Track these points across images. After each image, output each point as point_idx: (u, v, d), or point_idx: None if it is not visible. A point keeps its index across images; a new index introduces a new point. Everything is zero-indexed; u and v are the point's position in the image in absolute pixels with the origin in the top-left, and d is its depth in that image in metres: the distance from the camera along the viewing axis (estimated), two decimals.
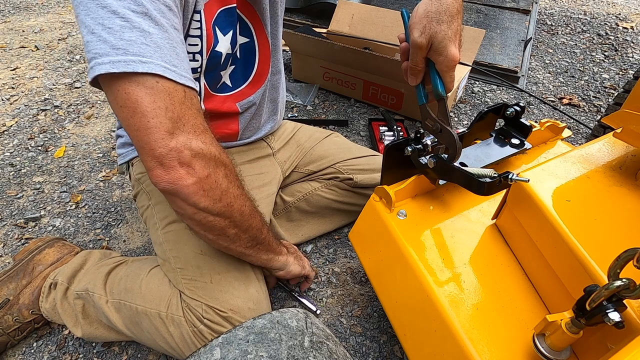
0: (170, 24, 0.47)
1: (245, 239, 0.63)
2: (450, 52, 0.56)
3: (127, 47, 0.44)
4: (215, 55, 0.65)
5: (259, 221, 0.65)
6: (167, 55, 0.46)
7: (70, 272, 0.83)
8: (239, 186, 0.58)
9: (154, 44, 0.45)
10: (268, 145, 0.94)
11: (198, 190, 0.51)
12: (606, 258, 0.43)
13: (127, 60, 0.44)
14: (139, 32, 0.45)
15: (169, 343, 0.68)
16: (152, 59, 0.45)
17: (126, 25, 0.44)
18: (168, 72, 0.46)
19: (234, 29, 0.68)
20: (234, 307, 0.66)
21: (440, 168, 0.62)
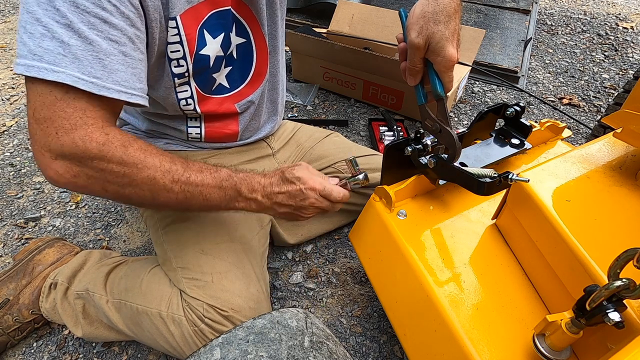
0: (105, 36, 0.49)
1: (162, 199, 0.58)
2: (448, 52, 0.56)
3: (44, 54, 0.47)
4: (201, 59, 0.66)
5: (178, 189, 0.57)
6: (87, 67, 0.48)
7: (70, 272, 0.83)
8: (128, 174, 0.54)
9: (71, 55, 0.47)
10: (268, 145, 0.94)
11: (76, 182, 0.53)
12: (606, 258, 0.43)
13: (39, 66, 0.47)
14: (57, 43, 0.47)
15: (170, 342, 0.68)
16: (65, 69, 0.47)
17: (46, 34, 0.47)
18: (80, 82, 0.48)
19: (226, 31, 0.68)
20: (235, 307, 0.66)
21: (440, 168, 0.62)
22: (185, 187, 0.57)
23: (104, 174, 0.53)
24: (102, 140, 0.51)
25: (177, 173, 0.56)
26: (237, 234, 0.76)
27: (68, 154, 0.50)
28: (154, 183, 0.55)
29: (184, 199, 0.58)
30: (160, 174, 0.55)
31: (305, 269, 1.00)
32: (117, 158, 0.52)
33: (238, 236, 0.76)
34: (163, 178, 0.55)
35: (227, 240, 0.74)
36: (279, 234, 0.99)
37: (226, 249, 0.73)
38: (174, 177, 0.56)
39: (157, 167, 0.55)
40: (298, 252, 1.04)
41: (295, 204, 0.64)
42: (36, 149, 0.51)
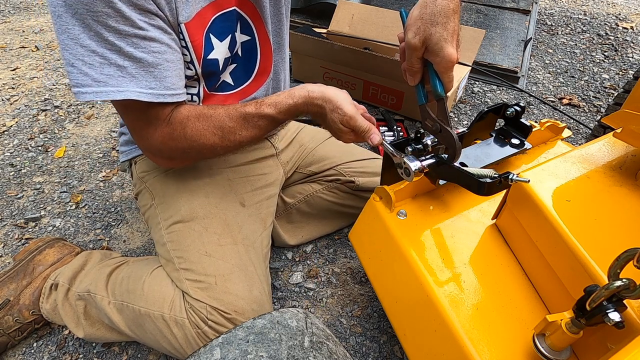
0: (148, 51, 0.56)
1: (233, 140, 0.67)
2: (446, 52, 0.56)
3: (108, 80, 0.55)
4: (210, 63, 0.68)
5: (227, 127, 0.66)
6: (142, 81, 0.57)
7: (71, 273, 0.83)
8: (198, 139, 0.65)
9: (129, 75, 0.56)
10: (272, 145, 0.94)
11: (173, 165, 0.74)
12: (606, 258, 0.43)
13: (108, 91, 0.55)
14: (115, 68, 0.55)
15: (173, 344, 0.68)
16: (128, 88, 0.56)
17: (104, 62, 0.54)
18: (142, 95, 0.57)
19: (232, 32, 0.69)
20: (238, 309, 0.66)
21: (440, 168, 0.62)
22: (243, 143, 0.67)
23: (185, 153, 0.66)
24: (169, 130, 0.64)
25: (229, 138, 0.66)
26: (240, 235, 0.76)
27: (158, 150, 0.67)
28: (217, 149, 0.66)
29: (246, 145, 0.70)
30: (218, 142, 0.65)
31: (305, 269, 1.00)
32: (183, 141, 0.64)
33: (241, 238, 0.76)
34: (222, 144, 0.66)
35: (230, 242, 0.74)
36: (279, 235, 0.99)
37: (230, 251, 0.73)
38: (229, 140, 0.66)
39: (213, 139, 0.65)
40: (298, 252, 1.04)
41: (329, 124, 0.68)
42: (144, 151, 0.71)
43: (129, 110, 0.63)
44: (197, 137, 0.64)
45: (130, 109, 0.62)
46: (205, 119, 0.64)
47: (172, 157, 0.69)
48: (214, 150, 0.67)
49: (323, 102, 0.65)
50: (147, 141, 0.65)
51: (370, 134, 0.65)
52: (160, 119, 0.63)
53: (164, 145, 0.65)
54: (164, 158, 0.69)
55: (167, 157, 0.69)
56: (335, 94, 0.65)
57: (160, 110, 0.62)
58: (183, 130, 0.64)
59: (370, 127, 0.65)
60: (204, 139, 0.64)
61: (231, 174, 0.84)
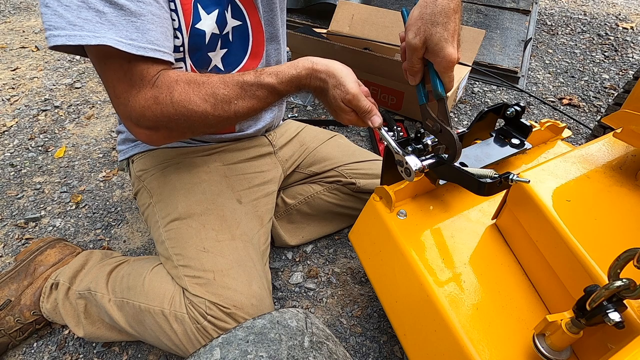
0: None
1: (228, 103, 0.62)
2: (446, 52, 0.56)
3: (84, 24, 0.52)
4: (197, 34, 0.66)
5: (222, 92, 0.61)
6: (122, 30, 0.54)
7: (71, 273, 0.83)
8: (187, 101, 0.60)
9: (108, 22, 0.53)
10: (270, 142, 0.93)
11: (157, 139, 0.63)
12: (606, 258, 0.43)
13: (82, 35, 0.52)
14: (94, 12, 0.52)
15: (173, 340, 0.68)
16: (105, 35, 0.53)
17: (83, 5, 0.52)
18: (120, 44, 0.53)
19: (220, 8, 0.68)
20: (237, 304, 0.66)
21: (440, 168, 0.62)
22: (239, 115, 0.62)
23: (169, 121, 0.60)
24: (154, 94, 0.58)
25: (223, 107, 0.60)
26: (238, 231, 0.76)
27: (140, 117, 0.59)
28: (209, 119, 0.60)
29: (242, 119, 0.64)
30: (210, 110, 0.60)
31: (305, 269, 1.00)
32: (169, 106, 0.58)
33: (239, 234, 0.76)
34: (214, 113, 0.60)
35: (228, 238, 0.74)
36: (279, 235, 0.99)
37: (228, 246, 0.73)
38: (223, 109, 0.60)
39: (204, 106, 0.59)
40: (298, 252, 1.04)
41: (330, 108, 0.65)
42: (124, 119, 0.62)
43: (108, 66, 0.57)
44: (185, 102, 0.58)
45: (109, 63, 0.57)
46: (197, 85, 0.59)
47: (156, 127, 0.61)
48: (205, 119, 0.60)
49: (327, 76, 0.61)
50: (127, 105, 0.59)
51: (371, 115, 0.61)
52: (144, 79, 0.58)
53: (148, 111, 0.58)
54: (146, 128, 0.61)
55: (150, 127, 0.61)
56: (340, 70, 0.61)
57: (145, 69, 0.58)
58: (170, 93, 0.58)
59: (372, 108, 0.61)
60: (194, 105, 0.59)
61: (228, 171, 0.84)
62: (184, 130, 0.63)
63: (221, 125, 0.63)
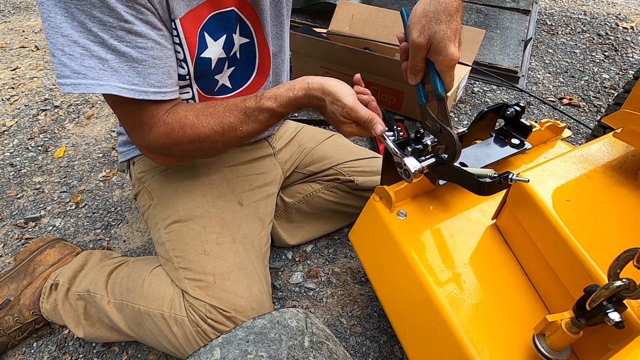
0: (133, 45, 0.55)
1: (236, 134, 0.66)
2: (449, 51, 0.56)
3: (87, 72, 0.53)
4: (203, 62, 0.67)
5: (229, 122, 0.65)
6: (125, 76, 0.55)
7: (71, 273, 0.83)
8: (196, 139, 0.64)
9: (110, 69, 0.54)
10: (270, 145, 0.94)
11: (171, 162, 0.71)
12: (606, 258, 0.43)
13: (87, 83, 0.54)
14: (97, 60, 0.53)
15: (173, 343, 0.68)
16: (109, 82, 0.54)
17: (86, 53, 0.53)
18: (123, 91, 0.55)
19: (228, 33, 0.69)
20: (238, 307, 0.66)
21: (440, 168, 0.62)
22: (242, 137, 0.66)
23: (183, 152, 0.66)
24: (167, 131, 0.62)
25: (229, 134, 0.65)
26: (239, 234, 0.76)
27: (156, 149, 0.66)
28: (217, 145, 0.66)
29: (246, 140, 0.69)
30: (218, 137, 0.64)
31: (305, 269, 1.00)
32: (183, 140, 0.63)
33: (240, 237, 0.76)
34: (222, 139, 0.65)
35: (229, 241, 0.74)
36: (279, 235, 0.99)
37: (228, 249, 0.73)
38: (229, 136, 0.65)
39: (212, 134, 0.64)
40: (298, 252, 1.04)
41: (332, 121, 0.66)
42: (141, 149, 0.70)
43: (119, 108, 0.61)
44: (196, 135, 0.63)
45: (119, 106, 0.61)
46: (205, 116, 0.63)
47: (170, 155, 0.68)
48: (215, 147, 0.66)
49: (322, 94, 0.63)
50: (142, 140, 0.64)
51: (372, 124, 0.62)
52: (154, 118, 0.62)
53: (162, 145, 0.64)
54: (162, 155, 0.68)
55: (165, 155, 0.68)
56: (335, 85, 0.63)
57: (154, 110, 0.61)
58: (182, 129, 0.63)
59: (371, 116, 0.62)
60: (204, 136, 0.63)
61: (229, 174, 0.84)
62: (195, 155, 0.72)
63: (228, 148, 0.69)
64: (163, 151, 0.66)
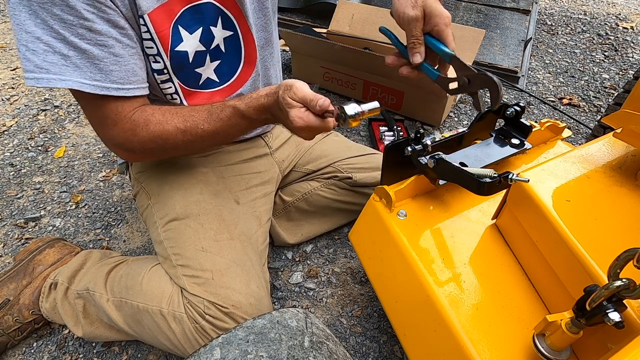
0: (94, 43, 0.56)
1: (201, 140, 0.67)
2: (442, 10, 0.63)
3: (50, 67, 0.55)
4: (179, 55, 0.67)
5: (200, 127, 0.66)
6: (87, 72, 0.57)
7: (70, 272, 0.83)
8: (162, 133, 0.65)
9: (72, 65, 0.56)
10: (266, 143, 0.94)
11: (134, 158, 0.72)
12: (606, 258, 0.43)
13: (49, 78, 0.56)
14: (59, 56, 0.55)
15: (171, 340, 0.68)
16: (71, 77, 0.56)
17: (48, 49, 0.55)
18: (85, 86, 0.57)
19: (204, 25, 0.69)
20: (236, 303, 0.66)
21: (440, 168, 0.63)
22: (204, 137, 0.66)
23: (146, 149, 0.66)
24: (132, 127, 0.63)
25: (192, 130, 0.65)
26: (236, 231, 0.76)
27: (120, 144, 0.66)
28: (180, 143, 0.66)
29: (209, 142, 0.69)
30: (180, 135, 0.65)
31: (305, 269, 1.00)
32: (146, 137, 0.64)
33: (237, 233, 0.76)
34: (184, 137, 0.65)
35: (226, 237, 0.74)
36: (278, 234, 0.99)
37: (226, 246, 0.73)
38: (191, 133, 0.65)
39: (176, 132, 0.65)
40: (298, 252, 1.04)
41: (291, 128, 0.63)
42: (104, 142, 0.69)
43: (83, 102, 0.62)
44: (160, 132, 0.64)
45: (84, 102, 0.62)
46: (171, 115, 0.65)
47: (133, 151, 0.68)
48: (176, 146, 0.66)
49: (278, 87, 0.61)
50: (106, 134, 0.65)
51: (317, 100, 0.59)
52: (119, 114, 0.63)
53: (125, 140, 0.65)
54: (125, 150, 0.69)
55: (128, 150, 0.68)
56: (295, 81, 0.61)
57: (120, 106, 0.62)
58: (146, 126, 0.64)
59: (318, 96, 0.60)
60: (167, 134, 0.65)
61: (225, 172, 0.85)
62: (157, 154, 0.71)
63: (192, 150, 0.70)
64: (126, 146, 0.67)
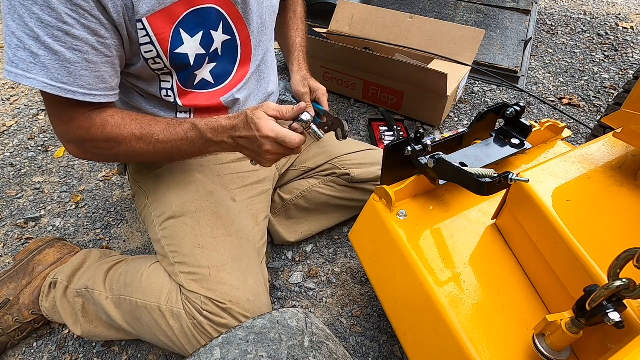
0: (68, 47, 0.56)
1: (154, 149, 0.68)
2: (320, 86, 0.91)
3: (19, 63, 0.56)
4: (178, 57, 0.68)
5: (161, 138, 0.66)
6: (55, 74, 0.57)
7: (70, 271, 0.84)
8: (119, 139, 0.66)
9: (40, 64, 0.56)
10: None
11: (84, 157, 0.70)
12: (606, 258, 0.43)
13: (17, 73, 0.56)
14: (29, 53, 0.55)
15: (169, 336, 0.68)
16: (36, 76, 0.56)
17: (20, 45, 0.55)
18: (48, 87, 0.57)
19: (205, 29, 0.69)
20: (233, 299, 0.67)
21: (440, 168, 0.63)
22: (158, 146, 0.67)
23: (98, 150, 0.67)
24: (87, 125, 0.64)
25: (147, 137, 0.66)
26: (233, 228, 0.76)
27: (72, 139, 0.66)
28: (132, 150, 0.66)
29: (162, 154, 0.68)
30: (134, 142, 0.66)
31: (305, 269, 1.00)
32: (100, 137, 0.64)
33: (235, 230, 0.76)
34: (138, 144, 0.66)
35: (223, 234, 0.74)
36: (278, 233, 0.99)
37: (223, 242, 0.73)
38: (145, 141, 0.66)
39: (131, 138, 0.65)
40: (298, 252, 1.04)
41: (254, 149, 0.65)
42: (57, 135, 0.68)
43: (46, 95, 0.61)
44: (114, 135, 0.64)
45: (46, 95, 0.61)
46: (131, 120, 0.65)
47: (84, 150, 0.67)
48: (128, 151, 0.66)
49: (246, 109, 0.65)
50: (60, 128, 0.65)
51: (290, 107, 0.66)
52: (78, 112, 0.63)
53: (78, 137, 0.65)
54: (76, 147, 0.68)
55: (78, 147, 0.67)
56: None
57: (80, 106, 0.62)
58: (102, 127, 0.64)
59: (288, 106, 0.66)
60: (121, 138, 0.65)
61: (221, 171, 0.85)
62: (106, 156, 0.70)
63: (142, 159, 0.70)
64: (77, 143, 0.66)
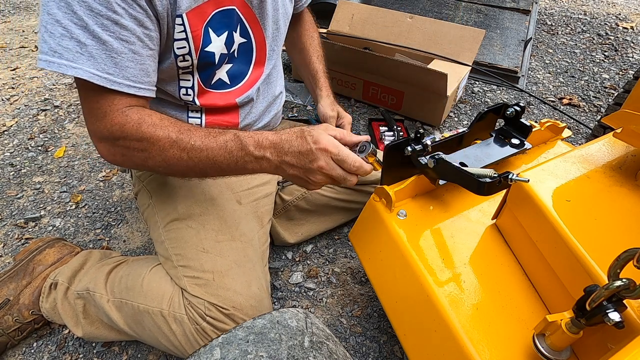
0: (116, 36, 0.55)
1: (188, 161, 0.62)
2: (346, 114, 0.98)
3: (64, 52, 0.54)
4: (207, 55, 0.69)
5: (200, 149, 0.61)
6: (101, 64, 0.55)
7: (70, 272, 0.83)
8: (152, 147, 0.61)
9: (87, 54, 0.55)
10: None
11: (113, 159, 0.64)
12: (606, 258, 0.43)
13: (60, 63, 0.54)
14: (75, 42, 0.54)
15: (172, 341, 0.68)
16: (82, 66, 0.55)
17: (66, 34, 0.53)
18: (95, 77, 0.55)
19: (229, 30, 0.70)
20: (237, 305, 0.66)
21: (440, 168, 0.62)
22: (192, 153, 0.60)
23: (129, 150, 0.61)
24: (122, 121, 0.59)
25: (182, 142, 0.60)
26: (237, 232, 0.76)
27: (104, 137, 0.61)
28: (164, 154, 0.60)
29: (194, 164, 0.61)
30: (168, 146, 0.60)
31: (305, 269, 1.00)
32: (134, 135, 0.59)
33: (239, 235, 0.76)
34: (171, 149, 0.60)
35: (228, 238, 0.74)
36: (278, 234, 0.99)
37: (227, 247, 0.73)
38: (180, 146, 0.60)
39: (165, 140, 0.60)
40: (298, 252, 1.04)
41: (304, 165, 0.59)
42: (89, 133, 0.63)
43: (85, 91, 0.59)
44: (149, 134, 0.59)
45: (86, 90, 0.58)
46: (169, 123, 0.61)
47: (114, 147, 0.62)
48: (160, 154, 0.60)
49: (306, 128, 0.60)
50: (93, 125, 0.61)
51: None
52: (113, 107, 0.59)
53: (111, 134, 0.60)
54: (108, 146, 0.62)
55: (110, 147, 0.62)
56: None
57: (118, 100, 0.59)
58: (138, 125, 0.59)
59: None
60: (156, 138, 0.59)
61: None
62: (136, 158, 0.62)
63: (172, 167, 0.62)
64: (109, 141, 0.61)
